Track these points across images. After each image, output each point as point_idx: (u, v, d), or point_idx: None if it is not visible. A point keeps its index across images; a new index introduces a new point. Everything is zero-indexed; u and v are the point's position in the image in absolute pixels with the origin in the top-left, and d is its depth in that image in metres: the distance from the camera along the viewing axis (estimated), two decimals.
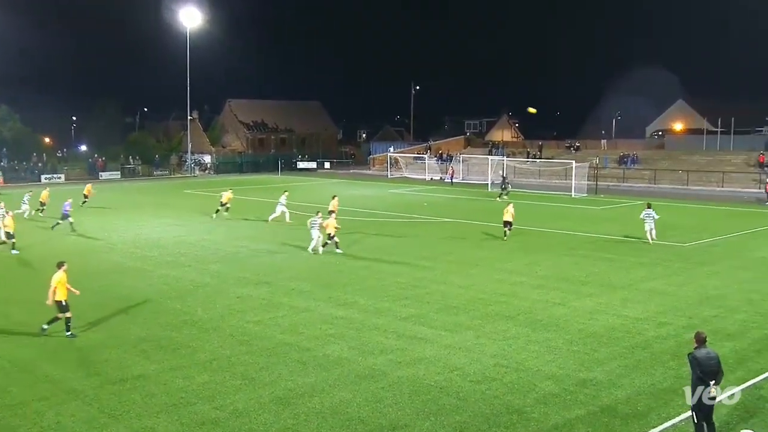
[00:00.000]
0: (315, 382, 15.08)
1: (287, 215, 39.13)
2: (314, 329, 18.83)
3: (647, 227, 33.12)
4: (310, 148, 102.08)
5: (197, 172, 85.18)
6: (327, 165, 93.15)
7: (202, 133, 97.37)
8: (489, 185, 63.48)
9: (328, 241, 29.93)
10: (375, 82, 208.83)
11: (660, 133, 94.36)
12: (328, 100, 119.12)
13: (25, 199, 41.35)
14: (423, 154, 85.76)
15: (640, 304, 21.45)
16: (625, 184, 67.38)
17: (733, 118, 73.08)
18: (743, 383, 14.60)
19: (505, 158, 72.07)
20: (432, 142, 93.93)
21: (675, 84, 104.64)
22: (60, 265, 18.57)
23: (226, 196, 41.94)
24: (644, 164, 71.76)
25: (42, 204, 41.92)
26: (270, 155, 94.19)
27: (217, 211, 41.80)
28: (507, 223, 34.06)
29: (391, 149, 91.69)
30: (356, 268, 26.92)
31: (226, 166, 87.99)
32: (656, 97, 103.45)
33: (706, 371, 11.76)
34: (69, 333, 18.08)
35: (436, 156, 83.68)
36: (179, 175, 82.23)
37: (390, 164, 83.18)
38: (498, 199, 52.16)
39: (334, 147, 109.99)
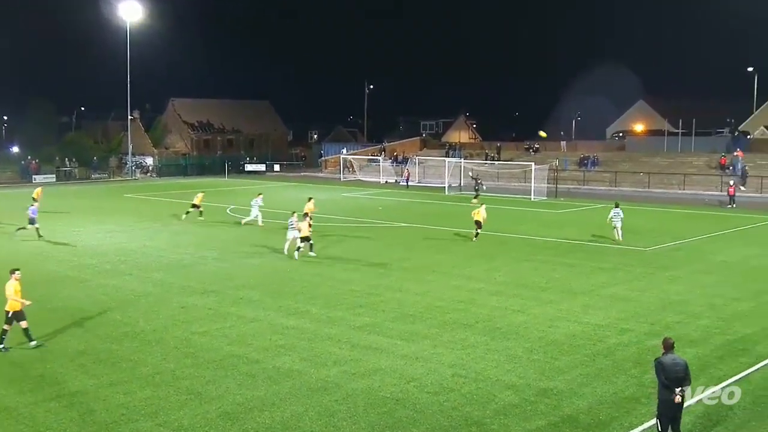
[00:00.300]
0: (265, 395, 14.99)
1: (260, 218, 39.53)
2: (264, 340, 18.72)
3: (615, 225, 34.80)
4: (259, 150, 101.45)
5: (138, 175, 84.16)
6: (277, 167, 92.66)
7: (144, 134, 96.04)
8: (446, 188, 63.86)
9: (301, 245, 30.16)
10: (327, 80, 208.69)
11: (621, 134, 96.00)
12: (278, 100, 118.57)
13: None
14: (377, 155, 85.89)
15: (602, 311, 21.76)
16: (585, 186, 68.31)
17: (694, 120, 74.67)
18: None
19: (462, 160, 72.54)
20: (386, 144, 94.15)
21: (635, 84, 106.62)
22: (12, 272, 18.20)
23: (198, 197, 42.61)
24: (604, 166, 72.85)
25: None
26: (216, 157, 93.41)
27: (188, 212, 42.43)
28: (477, 223, 35.16)
29: (344, 151, 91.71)
30: (308, 275, 26.84)
31: (170, 168, 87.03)
32: (616, 97, 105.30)
33: (671, 378, 11.97)
34: (2, 346, 17.73)
35: (390, 158, 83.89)
36: (119, 179, 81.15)
37: (343, 166, 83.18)
38: (474, 200, 53.06)
39: (285, 148, 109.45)
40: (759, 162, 65.88)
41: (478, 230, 35.04)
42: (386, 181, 75.62)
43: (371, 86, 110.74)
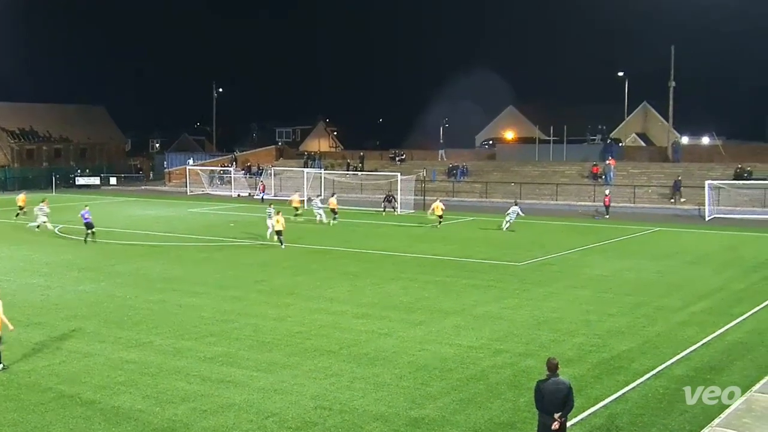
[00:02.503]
0: None
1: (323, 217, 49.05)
2: (100, 377, 18.10)
3: (508, 218, 44.95)
4: (92, 161, 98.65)
5: None
6: (113, 180, 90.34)
7: None
8: (305, 202, 63.80)
9: (278, 236, 38.47)
10: (170, 82, 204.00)
11: (490, 141, 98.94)
12: (114, 104, 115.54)
13: None
14: (228, 166, 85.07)
15: (474, 331, 22.29)
16: (454, 198, 69.71)
17: (565, 127, 77.88)
18: (584, 411, 15.51)
19: (322, 171, 72.77)
20: (239, 153, 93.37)
21: (504, 89, 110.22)
22: None
23: (296, 200, 52.45)
24: (474, 176, 74.82)
25: None
26: (42, 169, 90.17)
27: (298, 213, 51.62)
28: (440, 217, 47.27)
29: (191, 161, 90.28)
30: (150, 302, 26.17)
31: None
32: (485, 103, 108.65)
33: (548, 402, 12.28)
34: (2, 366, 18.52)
35: (243, 169, 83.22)
36: None
37: (189, 179, 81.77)
38: (384, 213, 57.00)
39: (122, 159, 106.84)
40: (631, 170, 69.56)
41: (440, 220, 47.19)
42: (239, 195, 74.94)
43: (220, 89, 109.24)
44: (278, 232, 38.55)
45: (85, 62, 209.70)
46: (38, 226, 44.83)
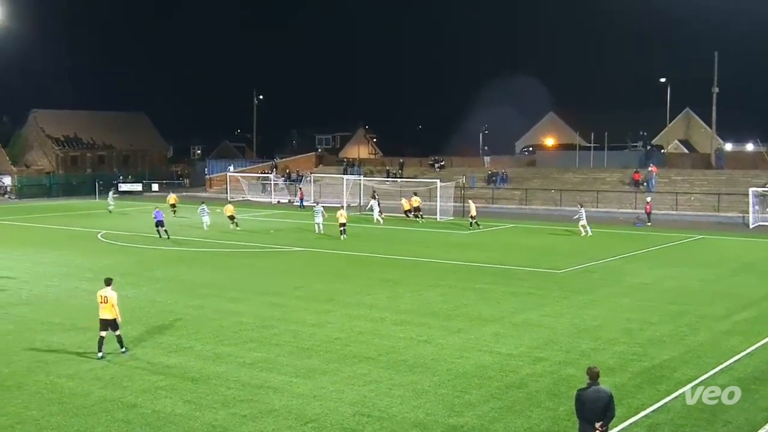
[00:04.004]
0: None
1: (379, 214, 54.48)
2: (141, 381, 18.27)
3: (581, 223, 45.84)
4: (135, 168, 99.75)
5: None
6: (155, 187, 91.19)
7: (1, 150, 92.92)
8: (344, 209, 63.86)
9: (341, 227, 44.44)
10: (211, 90, 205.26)
11: (530, 148, 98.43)
12: (156, 111, 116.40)
13: None
14: (268, 173, 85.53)
15: (513, 339, 22.16)
16: (494, 205, 69.43)
17: (606, 133, 77.20)
18: (625, 421, 15.34)
19: (362, 177, 72.87)
20: (278, 160, 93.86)
21: (545, 95, 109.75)
22: (111, 281, 21.15)
23: (417, 200, 56.43)
24: (514, 183, 74.46)
25: None
26: (86, 176, 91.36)
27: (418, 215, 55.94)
28: (473, 217, 50.67)
29: (231, 168, 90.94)
30: (190, 307, 26.38)
31: (32, 189, 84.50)
32: (525, 109, 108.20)
33: (589, 411, 12.17)
34: (125, 349, 20.65)
35: (283, 176, 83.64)
36: None
37: (230, 185, 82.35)
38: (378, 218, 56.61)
39: (164, 166, 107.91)
40: (674, 177, 68.80)
41: (474, 221, 50.49)
42: (278, 201, 75.31)
43: (260, 96, 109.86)
44: (342, 224, 44.62)
45: (127, 69, 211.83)
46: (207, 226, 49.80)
